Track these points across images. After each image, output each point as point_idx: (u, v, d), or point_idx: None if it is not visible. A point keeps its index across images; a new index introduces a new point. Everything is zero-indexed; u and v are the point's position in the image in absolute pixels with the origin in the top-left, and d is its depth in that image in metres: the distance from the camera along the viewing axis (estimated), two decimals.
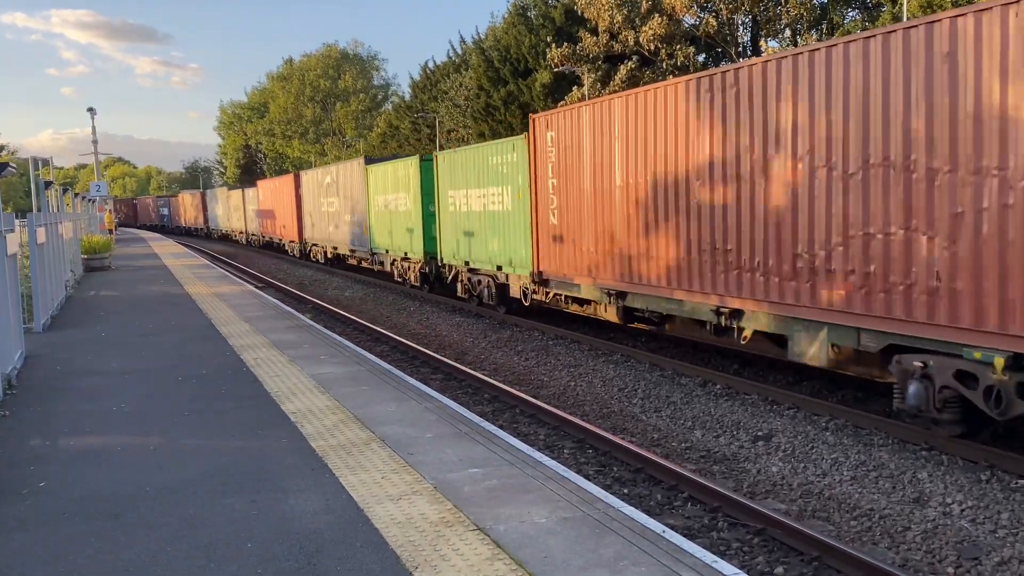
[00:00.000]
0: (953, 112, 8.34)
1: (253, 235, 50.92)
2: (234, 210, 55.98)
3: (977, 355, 8.18)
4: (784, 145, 10.42)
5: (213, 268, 30.16)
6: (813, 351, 10.32)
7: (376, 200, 26.87)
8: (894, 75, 8.91)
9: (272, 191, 43.79)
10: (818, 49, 9.90)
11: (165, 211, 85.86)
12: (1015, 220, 7.84)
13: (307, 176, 37.00)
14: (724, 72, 11.45)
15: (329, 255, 34.12)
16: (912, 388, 8.96)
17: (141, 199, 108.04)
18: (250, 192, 50.85)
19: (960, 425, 8.77)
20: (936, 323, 8.62)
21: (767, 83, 10.64)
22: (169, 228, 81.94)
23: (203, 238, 66.32)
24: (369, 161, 28.57)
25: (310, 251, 37.33)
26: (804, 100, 10.09)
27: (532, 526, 5.63)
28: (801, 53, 10.14)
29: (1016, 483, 7.93)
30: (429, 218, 22.51)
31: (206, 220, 67.30)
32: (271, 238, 45.35)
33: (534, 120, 16.54)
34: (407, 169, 23.98)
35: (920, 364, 8.91)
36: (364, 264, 29.82)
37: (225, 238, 60.52)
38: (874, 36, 9.18)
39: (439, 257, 21.98)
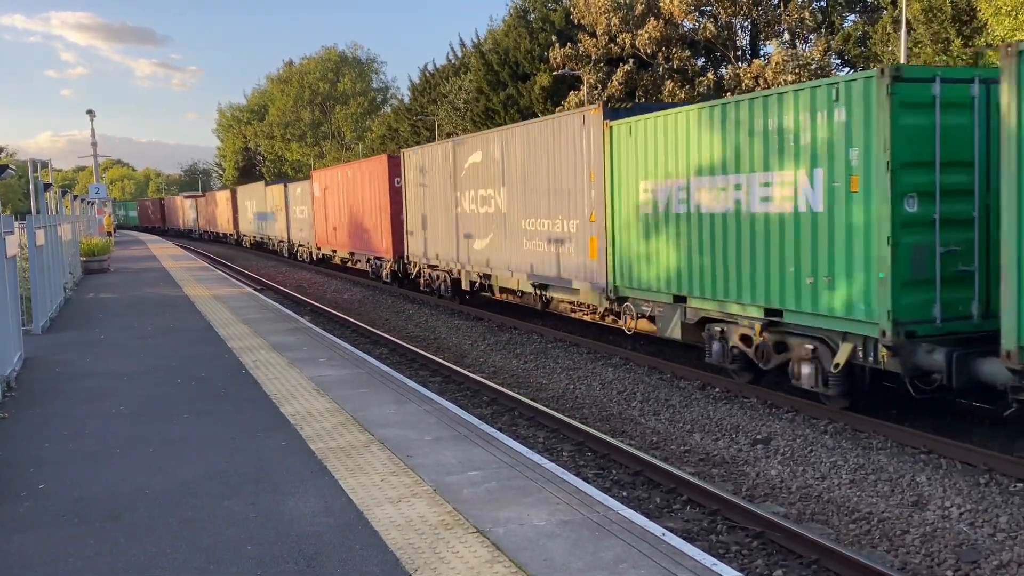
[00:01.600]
0: None
1: (301, 245, 37.10)
2: (274, 212, 41.84)
3: None
4: None
5: (211, 271, 30.17)
6: None
7: (636, 190, 13.28)
8: None
9: (341, 184, 29.61)
10: None
11: (194, 213, 71.47)
12: None
13: (417, 155, 22.86)
14: None
15: (466, 285, 20.51)
16: None
17: (169, 199, 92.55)
18: (297, 189, 37.16)
19: None
20: None
21: None
22: (196, 235, 69.41)
23: (233, 246, 54.46)
24: (615, 115, 14.00)
25: (418, 273, 23.54)
26: None
27: (532, 529, 5.63)
28: None
29: (1015, 486, 7.93)
30: (917, 231, 8.87)
31: (236, 225, 53.21)
32: (332, 251, 31.68)
33: None
34: (824, 113, 9.52)
35: None
36: (568, 311, 18.26)
37: (260, 247, 47.63)
38: None
39: None
